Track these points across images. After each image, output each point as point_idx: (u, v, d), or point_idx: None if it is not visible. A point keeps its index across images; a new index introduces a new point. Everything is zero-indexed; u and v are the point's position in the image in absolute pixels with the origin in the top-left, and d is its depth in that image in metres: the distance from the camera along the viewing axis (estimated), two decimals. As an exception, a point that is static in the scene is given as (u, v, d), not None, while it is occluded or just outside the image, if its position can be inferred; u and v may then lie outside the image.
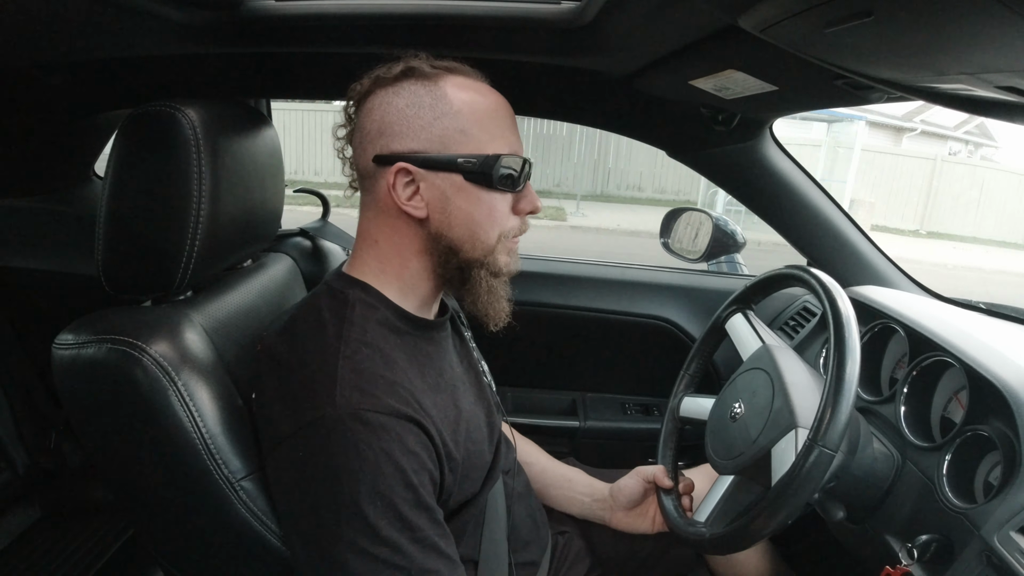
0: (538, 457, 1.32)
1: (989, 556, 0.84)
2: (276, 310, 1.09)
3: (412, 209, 0.87)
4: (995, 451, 0.95)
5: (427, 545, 0.79)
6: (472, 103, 0.88)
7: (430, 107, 0.86)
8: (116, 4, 0.94)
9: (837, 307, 0.97)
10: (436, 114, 0.86)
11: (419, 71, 0.87)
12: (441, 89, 0.87)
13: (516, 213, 0.93)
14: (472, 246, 0.89)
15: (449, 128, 0.86)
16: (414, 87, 0.87)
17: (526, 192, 0.93)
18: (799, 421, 0.96)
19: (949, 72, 0.64)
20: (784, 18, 0.66)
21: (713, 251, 1.83)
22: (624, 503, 1.22)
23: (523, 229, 0.95)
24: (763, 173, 1.51)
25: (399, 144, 0.86)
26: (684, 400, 1.27)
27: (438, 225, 0.88)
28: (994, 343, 1.08)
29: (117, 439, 0.86)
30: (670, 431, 1.26)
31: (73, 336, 0.86)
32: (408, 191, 0.87)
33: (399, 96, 0.87)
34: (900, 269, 1.57)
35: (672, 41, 0.99)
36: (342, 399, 0.77)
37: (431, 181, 0.86)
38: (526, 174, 0.92)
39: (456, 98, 0.87)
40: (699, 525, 1.02)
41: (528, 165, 0.92)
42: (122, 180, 0.92)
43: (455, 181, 0.87)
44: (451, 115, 0.86)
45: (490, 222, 0.90)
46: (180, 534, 0.91)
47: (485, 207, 0.89)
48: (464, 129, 0.86)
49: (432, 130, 0.86)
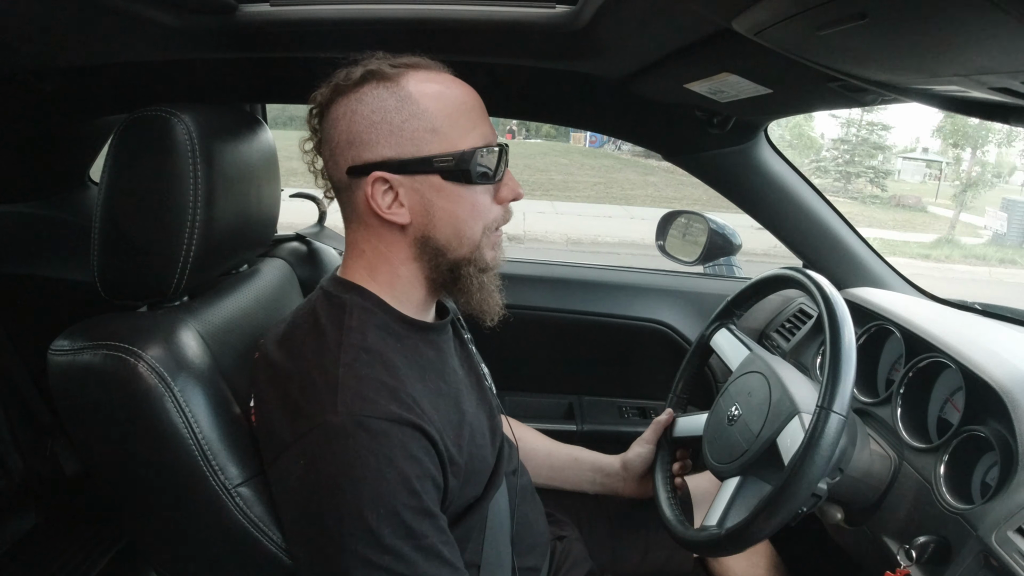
0: (543, 443, 1.33)
1: (987, 556, 0.84)
2: (273, 315, 1.09)
3: (394, 216, 0.86)
4: (992, 452, 0.96)
5: (431, 552, 0.78)
6: (439, 98, 0.86)
7: (396, 110, 0.84)
8: (111, 9, 0.93)
9: (832, 308, 0.97)
10: (404, 116, 0.84)
11: (379, 73, 0.85)
12: (405, 89, 0.85)
13: (498, 202, 0.91)
14: (459, 244, 0.88)
15: (419, 129, 0.84)
16: (377, 91, 0.85)
17: (506, 180, 0.92)
18: (801, 407, 0.97)
19: (943, 74, 0.65)
20: (778, 21, 0.66)
21: (709, 254, 1.84)
22: (638, 471, 1.26)
23: (506, 218, 0.94)
24: (758, 175, 1.51)
25: (371, 153, 0.84)
26: (676, 421, 1.27)
27: (422, 228, 0.87)
28: (990, 344, 1.08)
29: (112, 445, 0.86)
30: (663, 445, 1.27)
31: (69, 342, 0.85)
32: (388, 199, 0.85)
33: (363, 103, 0.85)
34: (895, 271, 1.57)
35: (666, 45, 1.00)
36: (343, 406, 0.76)
37: (409, 186, 0.85)
38: (504, 162, 0.90)
39: (422, 96, 0.85)
40: (711, 528, 1.02)
41: (504, 152, 0.90)
42: (117, 185, 0.92)
43: (433, 182, 0.85)
44: (419, 115, 0.84)
45: (473, 217, 0.88)
46: (177, 541, 0.91)
47: (467, 203, 0.87)
48: (435, 128, 0.85)
49: (402, 134, 0.84)
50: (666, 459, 1.25)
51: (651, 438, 1.27)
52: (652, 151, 1.60)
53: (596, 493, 1.29)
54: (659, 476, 1.22)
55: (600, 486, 1.28)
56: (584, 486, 1.29)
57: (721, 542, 0.98)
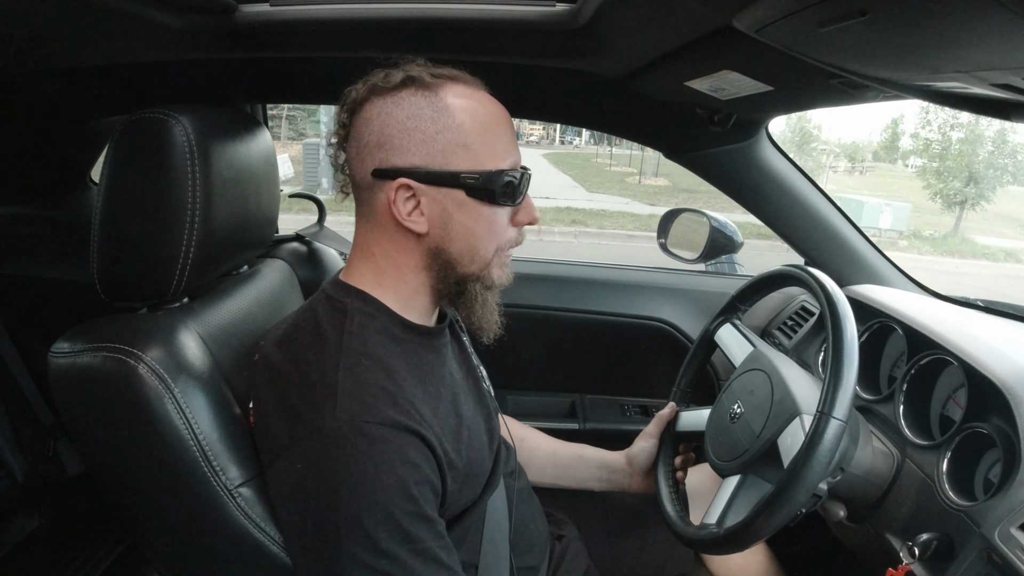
0: (547, 442, 1.32)
1: (990, 553, 0.84)
2: (273, 316, 1.09)
3: (413, 224, 0.86)
4: (994, 448, 0.95)
5: (428, 557, 0.78)
6: (474, 115, 0.86)
7: (432, 119, 0.84)
8: (110, 10, 0.93)
9: (835, 305, 0.97)
10: (438, 127, 0.84)
11: (419, 80, 0.85)
12: (442, 100, 0.85)
13: (515, 224, 0.92)
14: (471, 260, 0.89)
15: (451, 142, 0.84)
16: (414, 98, 0.84)
17: (525, 203, 0.92)
18: (802, 408, 0.97)
19: (944, 70, 0.64)
20: (778, 18, 0.66)
21: (711, 252, 1.83)
22: (644, 466, 1.25)
23: (519, 241, 0.94)
24: (759, 173, 1.51)
25: (400, 158, 0.84)
26: (679, 415, 1.27)
27: (438, 240, 0.87)
28: (992, 341, 1.08)
29: (114, 447, 0.86)
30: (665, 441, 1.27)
31: (69, 344, 0.85)
32: (409, 206, 0.85)
33: (399, 107, 0.84)
34: (898, 268, 1.57)
35: (667, 42, 0.99)
36: (342, 411, 0.76)
37: (432, 196, 0.85)
38: (526, 186, 0.91)
39: (458, 110, 0.85)
40: (710, 527, 1.02)
41: (527, 176, 0.91)
42: (117, 186, 0.92)
43: (457, 197, 0.85)
44: (453, 128, 0.84)
45: (490, 236, 0.89)
46: (178, 541, 0.91)
47: (486, 222, 0.88)
48: (467, 143, 0.85)
49: (434, 144, 0.84)
50: (668, 454, 1.25)
51: (654, 432, 1.27)
52: (654, 149, 1.60)
53: (603, 490, 1.29)
54: (661, 471, 1.23)
55: (607, 483, 1.28)
56: (590, 484, 1.29)
57: (720, 541, 0.98)
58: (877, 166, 26.10)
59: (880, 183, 16.32)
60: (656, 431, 1.27)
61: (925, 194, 18.03)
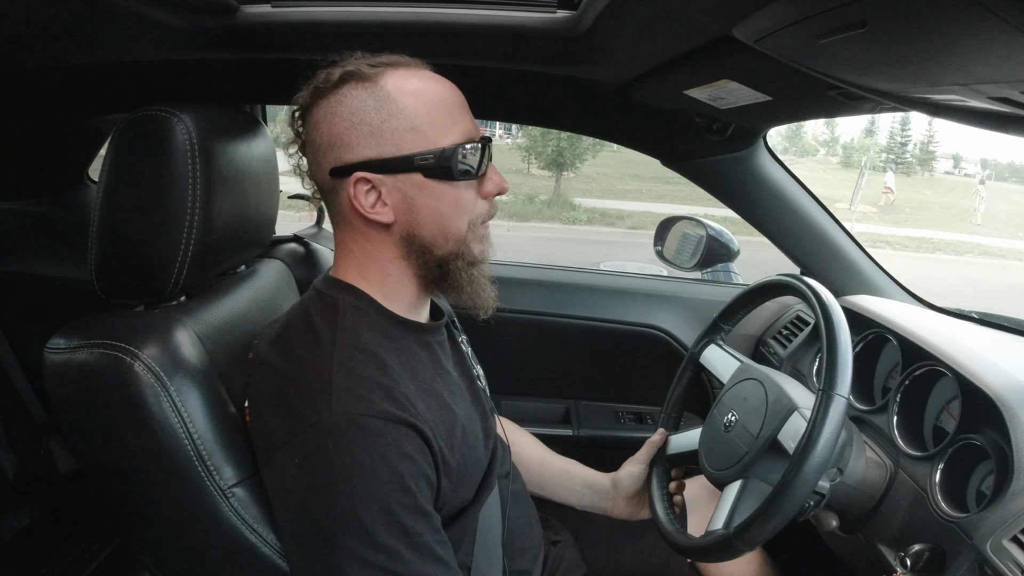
0: (537, 450, 1.32)
1: (982, 565, 0.84)
2: (269, 316, 1.09)
3: (378, 216, 0.86)
4: (987, 460, 0.96)
5: (425, 551, 0.78)
6: (418, 96, 0.86)
7: (375, 110, 0.84)
8: (111, 9, 0.93)
9: (829, 315, 0.97)
10: (383, 116, 0.84)
11: (358, 74, 0.85)
12: (383, 89, 0.85)
13: (483, 197, 0.91)
14: (445, 240, 0.89)
15: (399, 128, 0.84)
16: (355, 91, 0.85)
17: (490, 174, 0.91)
18: (799, 403, 0.98)
19: (942, 83, 0.65)
20: (778, 29, 0.66)
21: (707, 260, 1.84)
22: (628, 492, 1.24)
23: (492, 213, 0.94)
24: (756, 182, 1.52)
25: (352, 154, 0.85)
26: (669, 440, 1.26)
27: (407, 227, 0.87)
28: (986, 353, 1.08)
29: (108, 444, 0.86)
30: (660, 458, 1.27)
31: (65, 340, 0.85)
32: (371, 198, 0.86)
33: (342, 104, 0.85)
34: (893, 278, 1.57)
35: (667, 51, 1.00)
36: (337, 405, 0.76)
37: (391, 185, 0.85)
38: (488, 157, 0.90)
39: (401, 95, 0.85)
40: (716, 531, 1.00)
41: (487, 147, 0.90)
42: (116, 184, 0.92)
43: (415, 180, 0.85)
44: (398, 114, 0.84)
45: (458, 213, 0.88)
46: (170, 541, 0.90)
47: (450, 200, 0.87)
48: (414, 126, 0.85)
49: (382, 133, 0.84)
50: (662, 477, 1.24)
51: (643, 458, 1.25)
52: (652, 157, 1.60)
53: (584, 509, 1.28)
54: (656, 494, 1.21)
55: (588, 503, 1.27)
56: (572, 500, 1.28)
57: (730, 541, 0.96)
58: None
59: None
60: (645, 457, 1.25)
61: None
